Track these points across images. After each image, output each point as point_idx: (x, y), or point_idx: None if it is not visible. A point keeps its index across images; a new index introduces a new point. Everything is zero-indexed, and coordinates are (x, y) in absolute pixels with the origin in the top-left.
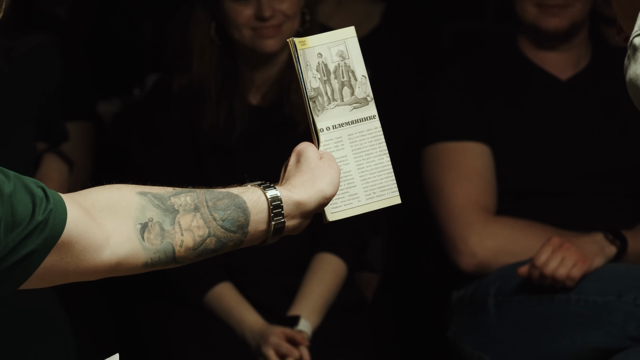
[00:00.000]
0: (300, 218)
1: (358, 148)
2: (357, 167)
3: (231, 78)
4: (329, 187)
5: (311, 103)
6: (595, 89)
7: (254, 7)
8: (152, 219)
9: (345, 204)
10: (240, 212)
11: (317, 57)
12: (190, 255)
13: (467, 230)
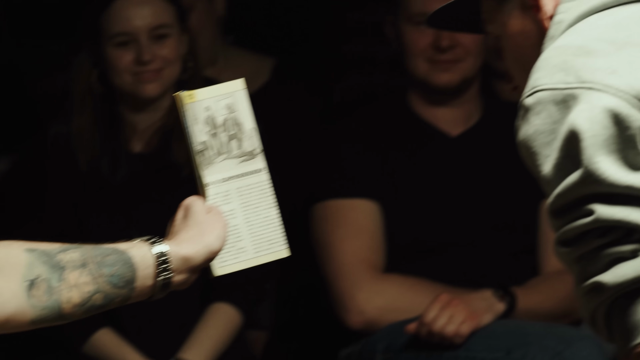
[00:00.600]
0: (187, 273)
1: (246, 201)
2: (244, 220)
3: (113, 125)
4: (216, 241)
5: (198, 157)
6: (486, 145)
7: (134, 51)
8: (39, 275)
9: (233, 257)
10: (127, 268)
11: (205, 111)
12: (77, 312)
13: (355, 288)
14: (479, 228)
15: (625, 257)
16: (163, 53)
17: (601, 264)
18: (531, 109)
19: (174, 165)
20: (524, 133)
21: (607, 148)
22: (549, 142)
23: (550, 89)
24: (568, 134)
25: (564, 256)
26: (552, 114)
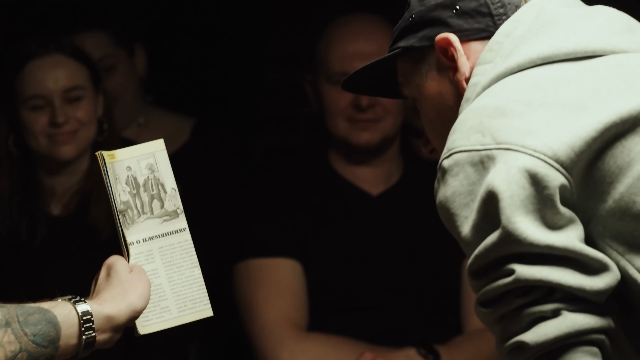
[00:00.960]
0: (111, 332)
1: (169, 261)
2: (168, 279)
3: (30, 188)
4: (139, 300)
5: (120, 217)
6: (406, 205)
7: (49, 114)
8: None
9: (157, 317)
10: (51, 327)
11: (127, 170)
12: None
13: (279, 347)
14: (401, 288)
15: (546, 316)
16: (78, 115)
17: (522, 323)
18: (448, 171)
19: (93, 227)
20: (442, 195)
21: (525, 208)
22: (467, 203)
23: (467, 151)
24: (486, 195)
25: (485, 317)
26: (469, 176)
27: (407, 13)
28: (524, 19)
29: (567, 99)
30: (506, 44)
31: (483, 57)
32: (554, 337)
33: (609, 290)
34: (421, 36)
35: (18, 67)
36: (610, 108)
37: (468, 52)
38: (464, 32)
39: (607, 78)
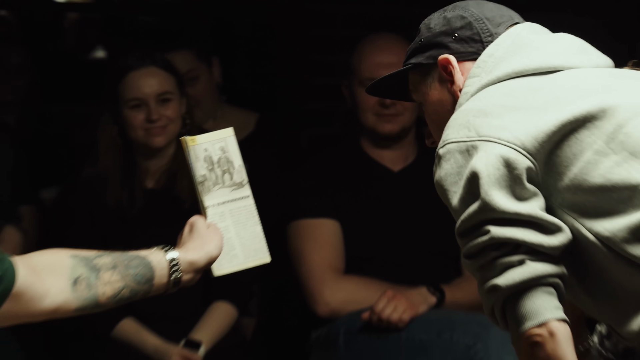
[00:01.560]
0: (193, 273)
1: (236, 220)
2: (236, 234)
3: (130, 168)
4: (215, 249)
5: (200, 186)
6: (419, 179)
7: (145, 112)
8: (81, 275)
9: (228, 262)
10: (147, 269)
11: (204, 151)
12: (110, 303)
13: (322, 286)
14: (415, 242)
15: (513, 265)
16: (167, 113)
17: (496, 271)
18: (442, 157)
19: (178, 198)
20: (438, 175)
21: (499, 184)
22: (456, 181)
23: (456, 142)
24: (470, 174)
25: (469, 266)
26: (458, 161)
27: (417, 37)
28: (503, 43)
29: (534, 103)
30: (489, 62)
31: (472, 72)
32: (520, 281)
33: (561, 247)
34: (427, 55)
35: (121, 76)
36: (566, 110)
37: (462, 69)
38: (460, 54)
39: (564, 87)
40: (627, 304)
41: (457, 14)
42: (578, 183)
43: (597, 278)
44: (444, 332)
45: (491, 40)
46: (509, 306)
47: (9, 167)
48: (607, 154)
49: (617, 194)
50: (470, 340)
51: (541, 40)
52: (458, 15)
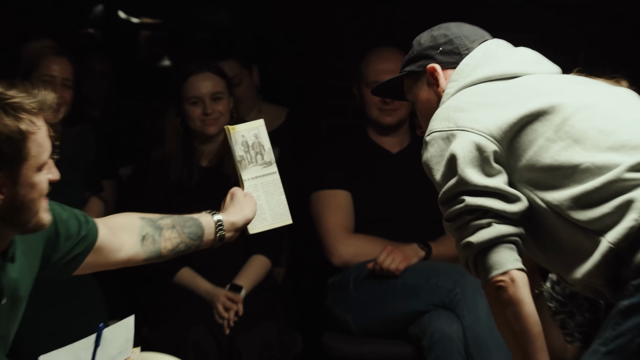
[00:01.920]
0: (233, 232)
1: (266, 191)
2: (266, 201)
3: (189, 150)
4: (250, 213)
5: (238, 164)
6: (412, 159)
7: (202, 107)
8: (147, 233)
9: (259, 223)
10: (199, 228)
11: (241, 137)
12: (170, 254)
13: (337, 242)
14: (409, 208)
15: (483, 227)
16: (219, 108)
17: (469, 231)
18: (429, 143)
19: (225, 174)
20: (425, 157)
21: (472, 164)
22: (439, 161)
23: (439, 131)
24: (449, 156)
25: (448, 228)
26: (440, 146)
27: (411, 50)
28: (476, 55)
29: (499, 101)
30: (466, 70)
31: (452, 78)
32: (488, 239)
33: (520, 213)
34: (419, 65)
35: (184, 79)
36: (524, 106)
37: (445, 75)
38: (443, 64)
39: (523, 89)
40: (571, 257)
41: (441, 33)
42: (533, 163)
43: (548, 237)
44: (430, 278)
45: (467, 53)
46: (479, 259)
47: (93, 149)
48: (555, 141)
49: (562, 172)
50: (451, 285)
51: (505, 53)
52: (442, 34)
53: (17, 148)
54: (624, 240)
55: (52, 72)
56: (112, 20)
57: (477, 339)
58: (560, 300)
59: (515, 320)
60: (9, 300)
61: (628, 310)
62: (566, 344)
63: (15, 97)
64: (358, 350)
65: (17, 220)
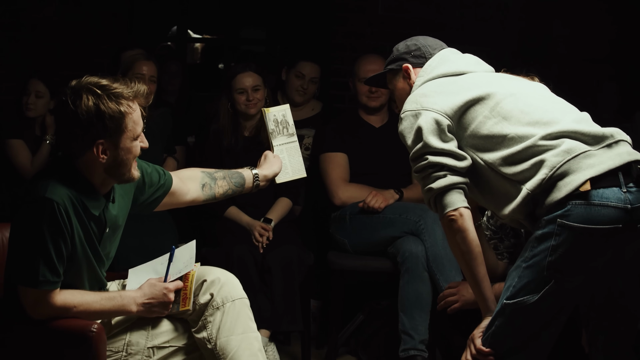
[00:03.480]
0: (265, 182)
1: (289, 153)
2: (288, 161)
3: (236, 124)
4: (277, 168)
5: (270, 135)
6: (390, 132)
7: (246, 95)
8: (206, 182)
9: (284, 176)
10: (241, 179)
11: (273, 116)
12: (221, 197)
13: (337, 189)
14: (388, 165)
15: (440, 177)
16: (257, 96)
17: (431, 180)
18: (403, 119)
19: (261, 142)
20: (400, 128)
21: (433, 133)
22: (410, 131)
23: (410, 110)
24: (417, 128)
25: (416, 177)
26: (410, 121)
27: (391, 55)
28: (436, 59)
29: (451, 90)
30: (428, 69)
31: (419, 74)
32: (443, 185)
33: (467, 167)
34: (397, 64)
35: (233, 76)
36: (468, 94)
37: (415, 72)
38: (414, 64)
39: (467, 82)
40: (501, 199)
41: (413, 43)
42: (475, 133)
43: (485, 185)
44: (402, 214)
45: (430, 57)
46: (438, 199)
47: (170, 125)
48: (490, 118)
49: (495, 139)
50: (416, 218)
51: (456, 57)
52: (413, 43)
53: (118, 124)
54: (537, 187)
55: (142, 71)
56: (183, 36)
57: (435, 256)
58: (493, 230)
59: (463, 243)
60: (110, 229)
61: (541, 238)
62: (498, 261)
63: (118, 88)
64: (352, 264)
65: (116, 173)
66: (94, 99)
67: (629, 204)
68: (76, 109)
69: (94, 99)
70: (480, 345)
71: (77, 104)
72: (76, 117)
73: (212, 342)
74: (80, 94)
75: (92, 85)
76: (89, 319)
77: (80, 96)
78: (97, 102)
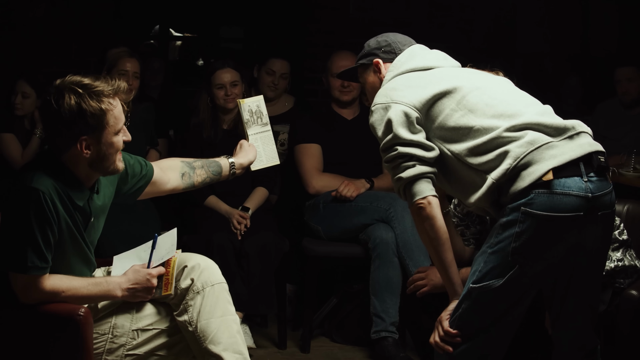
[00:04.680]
0: (241, 169)
1: (263, 142)
2: (263, 149)
3: (214, 118)
4: (252, 156)
5: (245, 125)
6: (361, 124)
7: (224, 91)
8: (185, 172)
9: (258, 163)
10: (218, 167)
11: (248, 107)
12: (200, 185)
13: (311, 178)
14: (360, 155)
15: (409, 167)
16: (235, 91)
17: (400, 170)
18: (374, 112)
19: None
20: (371, 121)
21: (402, 125)
22: (380, 123)
23: (380, 103)
24: (387, 120)
25: (387, 167)
26: (381, 113)
27: (362, 50)
28: (405, 54)
29: (419, 84)
30: (398, 64)
31: (389, 69)
32: (412, 175)
33: (434, 158)
34: (368, 59)
35: (212, 72)
36: (435, 87)
37: (385, 67)
38: (384, 59)
39: (434, 76)
40: (468, 188)
41: (383, 39)
42: (442, 125)
43: (452, 174)
44: (373, 202)
45: (400, 52)
46: (407, 188)
47: (153, 118)
48: (456, 110)
49: (461, 131)
50: (387, 206)
51: (424, 53)
52: (384, 39)
53: (100, 120)
54: (502, 177)
55: (126, 67)
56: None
57: (405, 242)
58: (460, 217)
59: (431, 229)
60: (95, 218)
61: (506, 225)
62: (465, 246)
63: (99, 86)
64: (326, 250)
65: (100, 167)
66: (76, 98)
67: (589, 193)
68: (59, 108)
69: (76, 97)
70: (447, 327)
71: (60, 103)
72: (59, 115)
73: (193, 325)
74: (63, 93)
75: (74, 85)
76: (77, 303)
77: (63, 95)
78: (79, 100)
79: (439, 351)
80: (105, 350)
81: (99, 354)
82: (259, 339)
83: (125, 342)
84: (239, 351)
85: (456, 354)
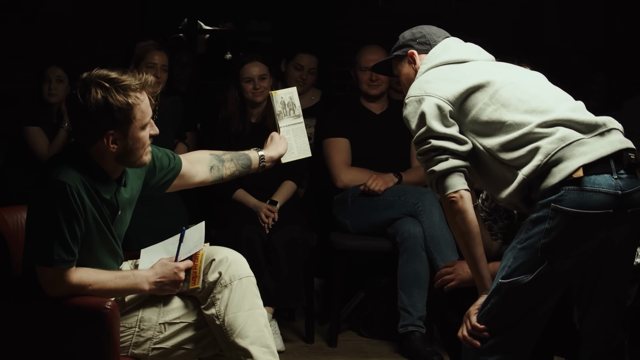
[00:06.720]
0: (271, 162)
1: (295, 134)
2: (294, 141)
3: (243, 112)
4: (282, 149)
5: (277, 117)
6: (390, 119)
7: (252, 84)
8: (214, 164)
9: (289, 156)
10: (248, 160)
11: (280, 98)
12: (228, 178)
13: (339, 172)
14: (389, 149)
15: (442, 160)
16: (264, 84)
17: (433, 163)
18: (408, 104)
19: (267, 128)
20: (405, 113)
21: (436, 119)
22: (414, 116)
23: (414, 96)
24: (421, 113)
25: (420, 160)
26: (415, 106)
27: (397, 42)
28: (440, 46)
29: (453, 77)
30: (432, 56)
31: (424, 61)
32: (445, 168)
33: (467, 151)
34: (402, 51)
35: (241, 65)
36: (469, 81)
37: (420, 59)
38: (419, 51)
39: (468, 70)
40: (499, 183)
41: (418, 31)
42: (475, 119)
43: (483, 168)
44: (401, 196)
45: (435, 44)
46: (440, 182)
47: (181, 112)
48: (489, 105)
49: (494, 126)
50: (415, 200)
51: (458, 46)
52: (419, 31)
53: (126, 115)
54: (533, 173)
55: (154, 61)
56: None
57: (433, 237)
58: (487, 211)
59: (462, 223)
60: (122, 211)
61: (536, 221)
62: (492, 241)
63: (125, 80)
64: (354, 244)
65: (127, 161)
66: (102, 92)
67: (619, 190)
68: (85, 103)
69: (102, 92)
70: (475, 322)
71: (87, 98)
72: (86, 110)
73: (221, 319)
74: (89, 88)
75: (100, 79)
76: (104, 296)
77: (89, 90)
78: (106, 95)
79: (467, 345)
80: (132, 344)
81: (126, 348)
82: (286, 333)
83: (152, 336)
84: (266, 345)
85: (484, 348)
